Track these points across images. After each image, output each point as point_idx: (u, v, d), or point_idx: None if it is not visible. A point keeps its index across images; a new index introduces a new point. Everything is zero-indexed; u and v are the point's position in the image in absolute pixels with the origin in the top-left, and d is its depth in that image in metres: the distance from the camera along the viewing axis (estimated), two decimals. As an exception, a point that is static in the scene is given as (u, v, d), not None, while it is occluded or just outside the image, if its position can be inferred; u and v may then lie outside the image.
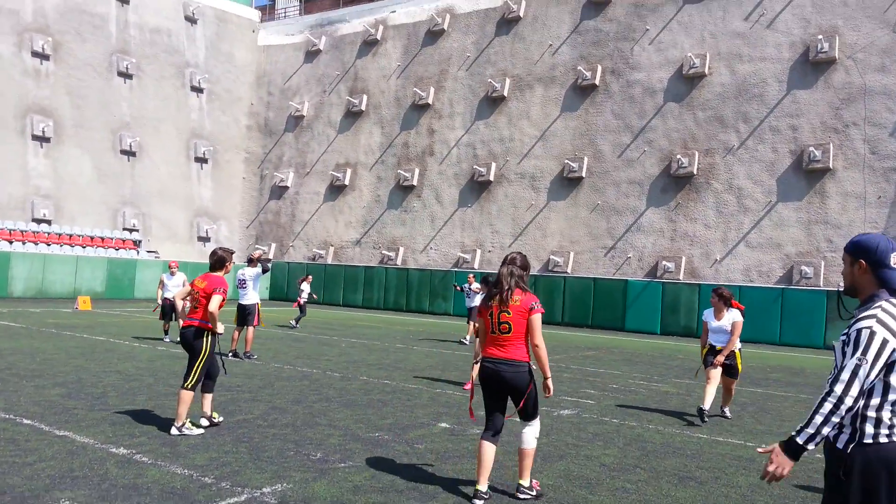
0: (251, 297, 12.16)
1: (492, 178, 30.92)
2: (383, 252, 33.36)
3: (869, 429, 2.82)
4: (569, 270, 28.13)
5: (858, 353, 2.75)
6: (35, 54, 31.60)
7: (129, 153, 34.64)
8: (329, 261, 35.07)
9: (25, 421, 6.53)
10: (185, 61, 37.39)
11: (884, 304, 2.89)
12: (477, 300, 16.65)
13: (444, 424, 7.48)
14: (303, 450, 6.08)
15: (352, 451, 6.14)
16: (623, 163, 27.96)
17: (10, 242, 28.55)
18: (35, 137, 31.34)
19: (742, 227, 25.31)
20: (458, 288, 18.25)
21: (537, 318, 5.02)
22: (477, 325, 15.11)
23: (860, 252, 2.99)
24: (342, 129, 36.23)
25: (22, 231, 29.58)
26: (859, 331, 2.80)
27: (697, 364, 14.61)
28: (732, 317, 8.45)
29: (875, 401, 2.83)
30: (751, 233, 25.16)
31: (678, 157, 26.38)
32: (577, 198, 28.84)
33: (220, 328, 6.76)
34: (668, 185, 26.88)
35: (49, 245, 29.88)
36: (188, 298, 6.94)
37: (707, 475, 6.07)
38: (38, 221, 31.05)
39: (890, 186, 23.24)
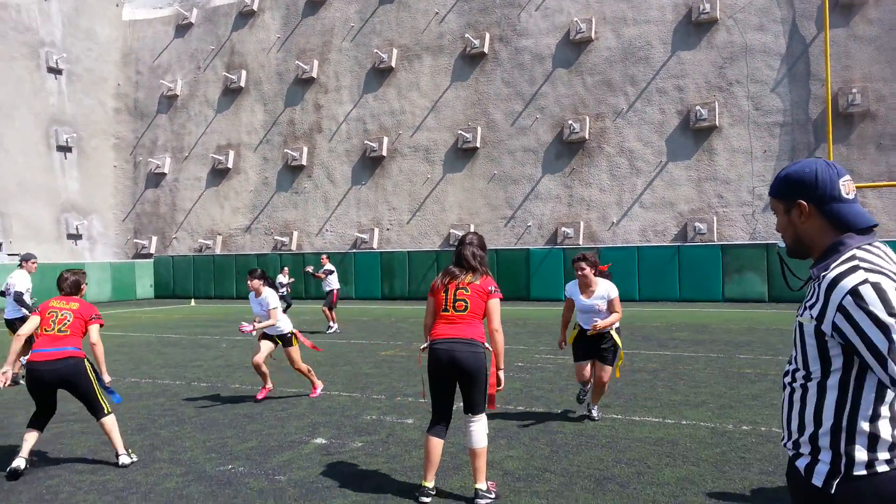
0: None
1: (384, 152, 29.61)
2: (276, 238, 31.47)
3: (861, 454, 1.86)
4: (469, 244, 27.37)
5: (886, 316, 1.74)
6: None
7: (-23, 145, 30.82)
8: (217, 251, 32.79)
9: None
10: (40, 40, 33.60)
11: (856, 251, 1.91)
12: (333, 282, 15.76)
13: (319, 440, 6.29)
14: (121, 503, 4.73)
15: (189, 498, 4.85)
16: (516, 131, 27.34)
17: None
18: None
19: (636, 189, 25.29)
20: (310, 271, 17.08)
21: (497, 303, 4.76)
22: (330, 311, 12.87)
23: (795, 190, 1.99)
24: (221, 108, 33.75)
25: None
26: (856, 293, 1.80)
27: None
28: (607, 291, 6.47)
29: (868, 406, 1.87)
30: (644, 194, 25.18)
31: (570, 122, 26.00)
32: (473, 169, 28.03)
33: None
34: (562, 151, 26.49)
35: None
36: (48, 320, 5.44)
37: (628, 472, 5.20)
38: None
39: (774, 141, 23.72)
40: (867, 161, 22.56)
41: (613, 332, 6.63)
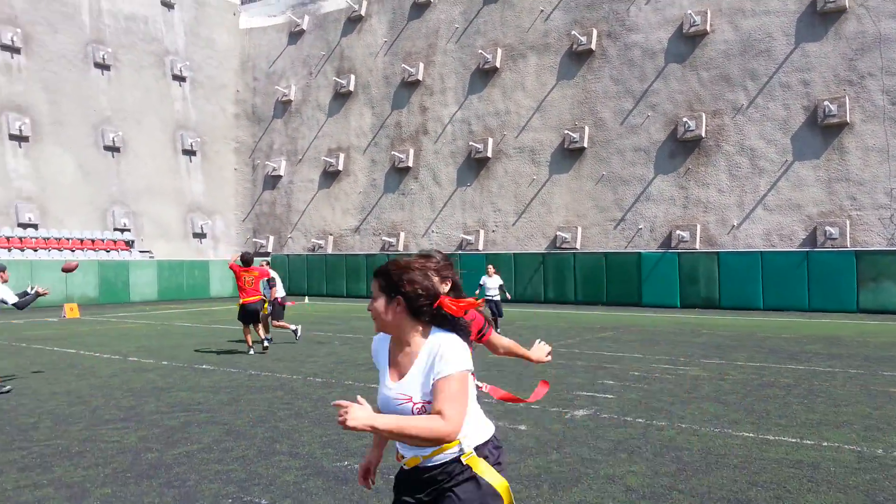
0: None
1: (489, 154, 29.49)
2: (384, 238, 32.07)
3: None
4: (578, 246, 26.79)
5: None
6: (4, 47, 30.22)
7: (113, 149, 33.36)
8: (329, 251, 33.83)
9: (-90, 473, 5.30)
10: (165, 49, 35.97)
11: None
12: (279, 291, 13.77)
13: (432, 442, 6.20)
14: (245, 495, 4.82)
15: (308, 492, 4.87)
16: (626, 130, 26.47)
17: (-7, 250, 27.42)
18: (12, 137, 30.05)
19: (758, 190, 23.83)
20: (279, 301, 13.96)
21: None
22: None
23: None
24: (332, 112, 34.81)
25: (7, 237, 28.44)
26: None
27: (722, 340, 13.31)
28: None
29: None
30: (768, 195, 23.68)
31: (684, 120, 24.87)
32: (580, 169, 27.40)
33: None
34: (676, 150, 25.38)
35: (36, 251, 28.74)
36: None
37: (765, 496, 4.77)
38: (24, 226, 29.87)
39: (916, 137, 21.69)
40: None
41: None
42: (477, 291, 15.63)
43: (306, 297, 31.56)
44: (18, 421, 7.07)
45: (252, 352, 12.27)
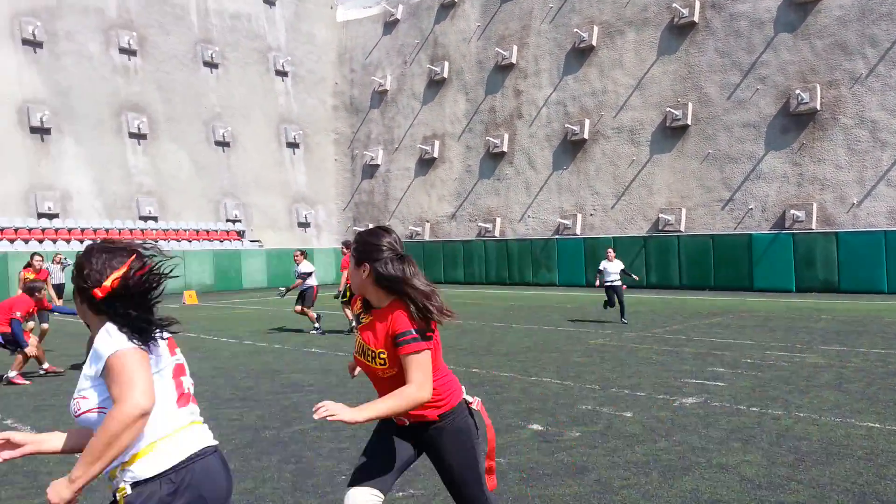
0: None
1: (586, 135, 28.90)
2: (480, 224, 32.17)
3: None
4: (682, 228, 25.87)
5: None
6: (122, 51, 32.38)
7: (223, 144, 35.15)
8: (426, 237, 34.31)
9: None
10: (268, 45, 37.44)
11: None
12: (312, 280, 13.83)
13: (535, 426, 6.22)
14: (359, 473, 5.01)
15: (416, 471, 5.01)
16: (734, 105, 25.22)
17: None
18: (132, 135, 32.25)
19: (880, 165, 22.15)
20: (283, 292, 14.53)
21: None
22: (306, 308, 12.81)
23: None
24: (426, 100, 35.14)
25: (130, 230, 30.62)
26: None
27: (842, 326, 12.52)
28: None
29: None
30: (892, 170, 21.97)
31: (797, 92, 23.40)
32: (683, 148, 26.38)
33: None
34: (789, 124, 23.95)
35: (157, 241, 30.75)
36: None
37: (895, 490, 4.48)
38: (145, 219, 32.06)
39: None
40: None
41: None
42: (598, 277, 14.56)
43: (405, 283, 32.11)
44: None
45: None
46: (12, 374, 8.70)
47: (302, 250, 14.25)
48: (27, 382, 8.79)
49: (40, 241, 27.51)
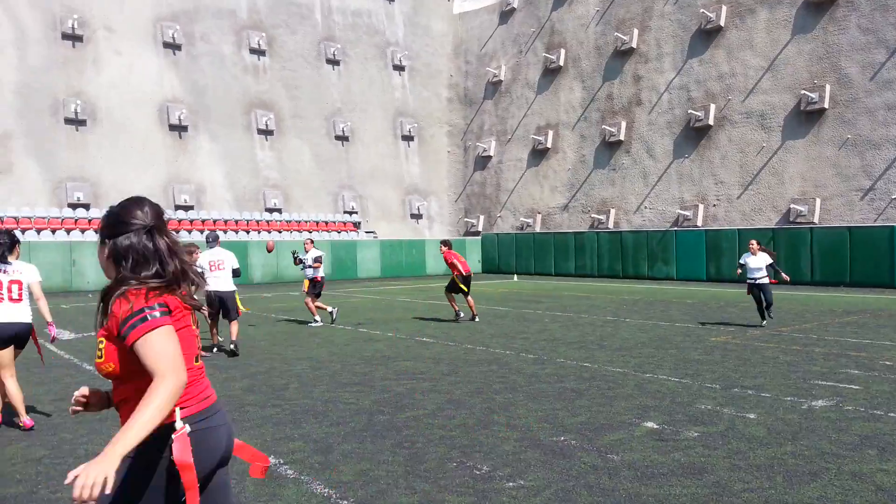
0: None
1: (711, 121, 27.54)
2: (593, 216, 31.51)
3: None
4: (816, 220, 24.15)
5: None
6: (252, 51, 34.26)
7: (343, 138, 36.42)
8: (537, 229, 34.04)
9: (195, 419, 6.30)
10: (386, 40, 38.35)
11: None
12: (321, 269, 13.53)
13: (649, 424, 6.02)
14: (468, 460, 5.05)
15: (526, 462, 4.99)
16: (877, 86, 23.18)
17: (248, 232, 31.42)
18: (260, 131, 34.10)
19: None
20: (297, 259, 13.93)
21: None
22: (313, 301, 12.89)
23: None
24: (541, 90, 34.74)
25: (257, 221, 32.42)
26: None
27: None
28: None
29: None
30: None
31: (956, 68, 21.16)
32: (819, 134, 24.57)
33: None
34: (944, 105, 21.72)
35: (280, 232, 32.42)
36: None
37: None
38: (270, 211, 33.83)
39: None
40: None
41: None
42: (738, 272, 12.65)
43: (515, 275, 32.04)
44: (272, 382, 8.07)
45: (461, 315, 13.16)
46: None
47: (311, 239, 14.16)
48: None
49: (177, 232, 29.70)
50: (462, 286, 13.80)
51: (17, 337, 5.95)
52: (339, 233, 34.01)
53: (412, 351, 10.18)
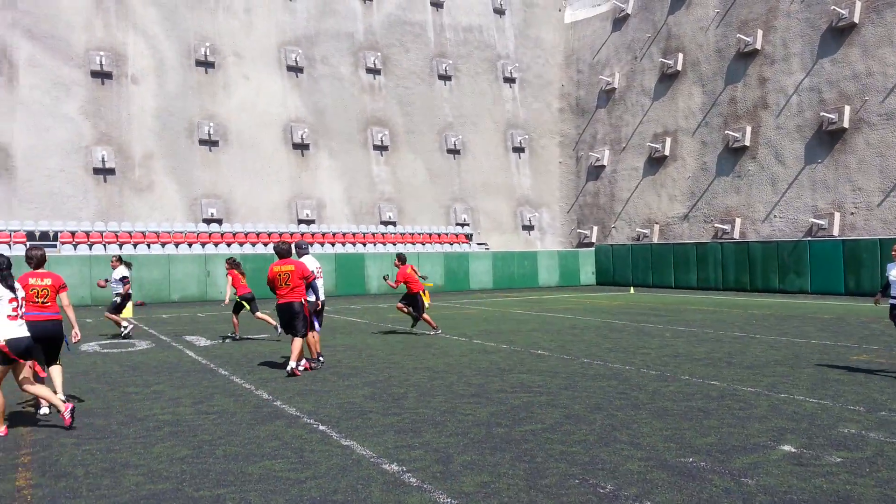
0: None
1: (846, 124, 25.66)
2: (716, 225, 30.12)
3: None
4: (969, 228, 21.90)
5: None
6: (368, 70, 35.52)
7: (454, 151, 36.93)
8: (655, 240, 32.95)
9: (321, 427, 6.53)
10: (497, 54, 38.60)
11: None
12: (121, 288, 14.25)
13: (787, 447, 5.63)
14: (591, 477, 4.92)
15: (653, 483, 4.79)
16: None
17: (364, 245, 32.45)
18: (375, 147, 35.22)
19: None
20: (106, 281, 14.79)
21: None
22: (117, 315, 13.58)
23: None
24: (657, 96, 33.71)
25: (373, 234, 33.42)
26: None
27: None
28: None
29: None
30: None
31: None
32: (974, 133, 22.29)
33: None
34: None
35: (395, 245, 33.24)
36: None
37: None
38: (385, 224, 34.78)
39: None
40: None
41: None
42: (879, 293, 9.47)
43: (631, 288, 31.12)
44: (391, 391, 8.24)
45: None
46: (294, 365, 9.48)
47: (119, 256, 14.78)
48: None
49: (310, 244, 31.12)
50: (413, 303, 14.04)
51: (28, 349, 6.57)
52: (451, 245, 34.42)
53: (527, 363, 10.09)
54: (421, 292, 13.92)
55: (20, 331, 6.42)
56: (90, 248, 26.86)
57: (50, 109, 28.88)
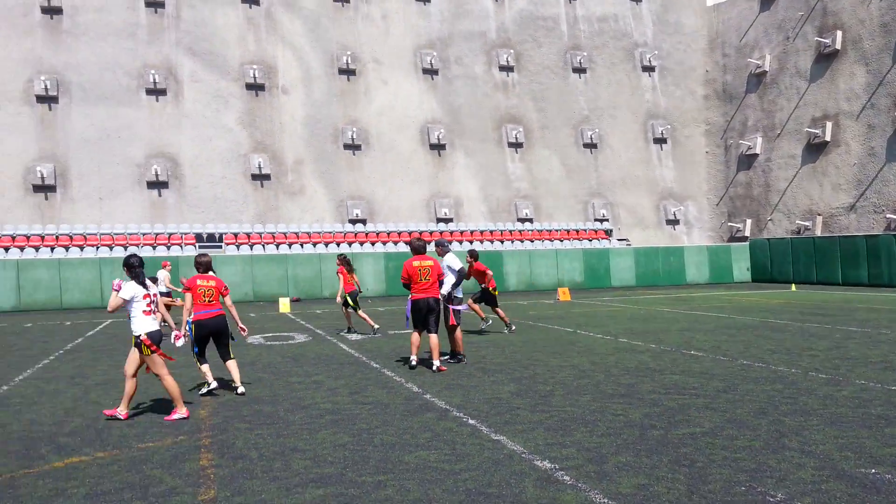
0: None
1: None
2: (888, 216, 27.39)
3: None
4: None
5: None
6: (502, 68, 35.60)
7: (591, 146, 36.17)
8: (817, 232, 30.50)
9: (470, 421, 6.62)
10: (634, 43, 37.35)
11: None
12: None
13: None
14: (758, 485, 4.63)
15: (830, 494, 4.43)
16: None
17: (502, 242, 32.57)
18: (510, 144, 35.24)
19: None
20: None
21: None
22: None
23: None
24: (814, 78, 31.14)
25: (510, 231, 33.47)
26: None
27: None
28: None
29: None
30: None
31: None
32: None
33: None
34: None
35: (532, 242, 33.11)
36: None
37: None
38: (522, 221, 34.72)
39: None
40: None
41: None
42: None
43: (792, 285, 28.98)
44: (537, 388, 8.20)
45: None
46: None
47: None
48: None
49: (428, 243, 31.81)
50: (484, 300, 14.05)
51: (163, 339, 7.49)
52: (590, 241, 33.74)
53: (680, 364, 9.67)
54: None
55: (154, 325, 7.09)
56: (251, 249, 28.98)
57: (211, 121, 31.46)
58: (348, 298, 14.38)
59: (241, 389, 8.11)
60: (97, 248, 27.58)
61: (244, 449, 5.83)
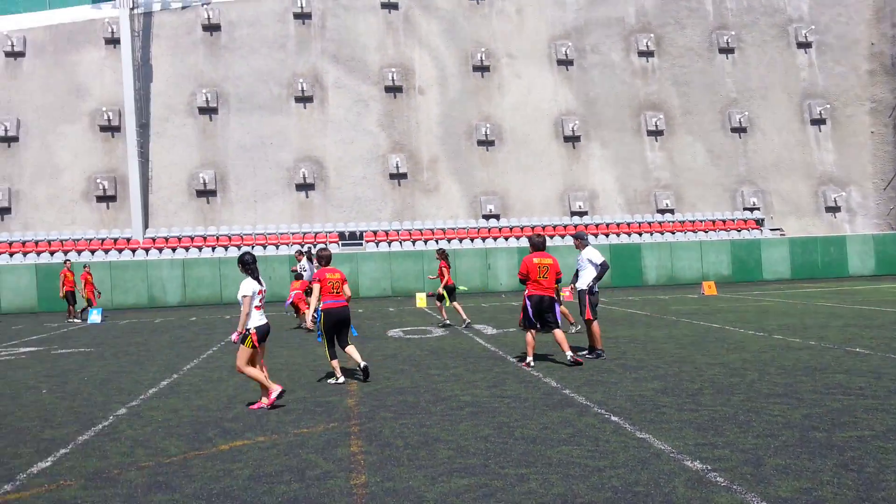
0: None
1: None
2: None
3: None
4: None
5: None
6: (641, 53, 34.33)
7: (740, 130, 34.09)
8: None
9: (613, 418, 6.46)
10: (788, 18, 34.73)
11: None
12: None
13: None
14: (947, 500, 4.15)
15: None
16: None
17: (640, 234, 31.46)
18: (649, 133, 33.93)
19: None
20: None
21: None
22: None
23: None
24: None
25: (649, 223, 32.27)
26: None
27: None
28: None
29: None
30: None
31: None
32: None
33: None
34: None
35: (674, 233, 31.72)
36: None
37: None
38: (662, 212, 33.35)
39: None
40: None
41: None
42: None
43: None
44: (683, 386, 7.86)
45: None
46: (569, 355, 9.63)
47: (299, 250, 16.00)
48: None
49: (563, 238, 31.28)
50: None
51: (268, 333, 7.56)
52: (738, 231, 31.82)
53: (843, 363, 8.89)
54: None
55: (263, 319, 7.44)
56: (389, 246, 30.02)
57: (353, 124, 32.87)
58: (445, 293, 14.69)
59: (363, 364, 8.73)
60: (252, 247, 29.72)
61: (390, 437, 6.05)
